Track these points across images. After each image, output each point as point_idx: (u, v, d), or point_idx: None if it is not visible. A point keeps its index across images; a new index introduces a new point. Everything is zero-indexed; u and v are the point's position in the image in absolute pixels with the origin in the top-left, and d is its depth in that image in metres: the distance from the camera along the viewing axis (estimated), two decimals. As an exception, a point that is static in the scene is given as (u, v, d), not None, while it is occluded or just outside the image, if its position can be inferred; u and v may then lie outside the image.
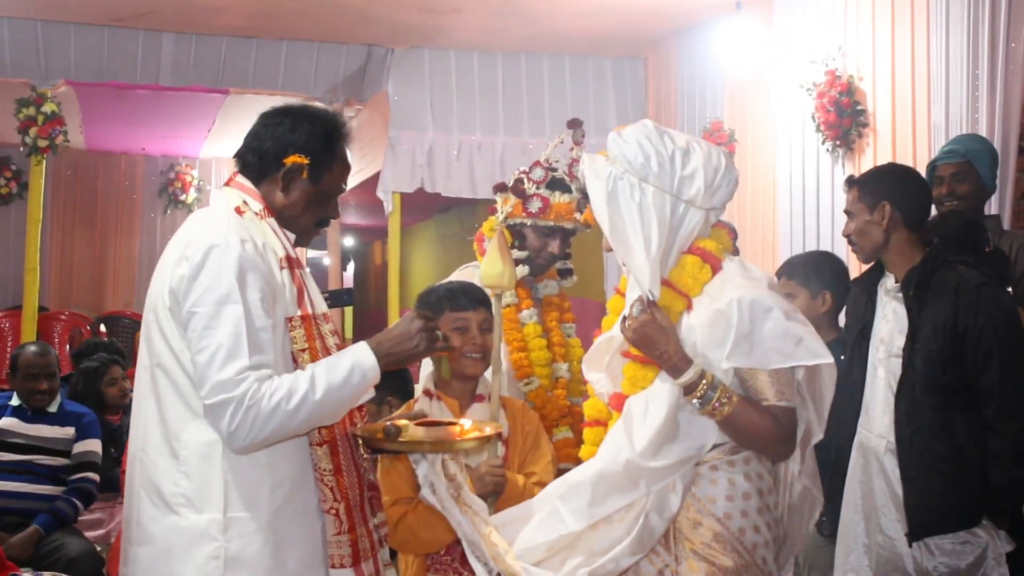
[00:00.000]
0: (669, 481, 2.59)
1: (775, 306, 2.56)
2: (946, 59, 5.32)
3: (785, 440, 2.60)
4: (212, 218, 2.55)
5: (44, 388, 5.25)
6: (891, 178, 3.57)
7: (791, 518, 2.81)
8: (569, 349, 3.85)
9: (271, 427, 2.33)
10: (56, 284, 11.18)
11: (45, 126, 7.50)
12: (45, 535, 4.98)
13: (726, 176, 2.68)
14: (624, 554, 2.57)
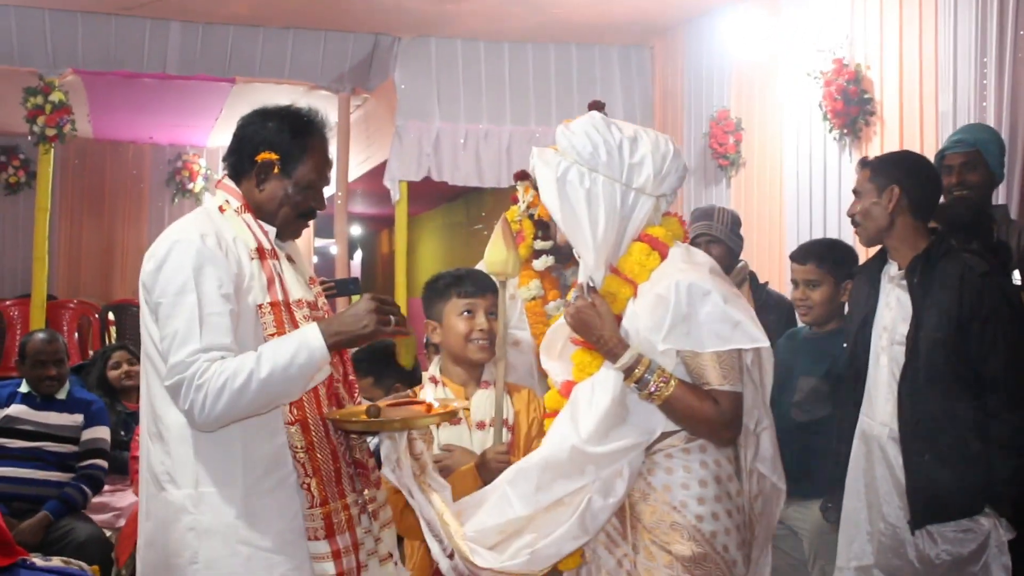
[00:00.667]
0: (617, 467, 2.60)
1: (713, 290, 2.56)
2: (954, 47, 5.31)
3: (727, 425, 2.59)
4: (186, 217, 2.76)
5: (53, 374, 5.27)
6: (904, 163, 3.56)
7: (759, 507, 2.79)
8: None
9: (221, 405, 2.46)
10: (64, 273, 11.22)
11: (53, 115, 7.53)
12: (54, 521, 5.00)
13: (674, 163, 2.71)
14: (567, 537, 2.58)
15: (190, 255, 2.55)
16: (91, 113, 9.70)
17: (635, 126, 2.77)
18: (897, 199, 3.42)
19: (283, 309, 2.65)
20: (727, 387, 2.57)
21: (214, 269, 2.56)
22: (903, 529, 3.38)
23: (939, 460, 3.30)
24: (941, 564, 3.31)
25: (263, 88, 8.51)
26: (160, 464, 2.62)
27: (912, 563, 3.36)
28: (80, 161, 11.34)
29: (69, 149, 10.27)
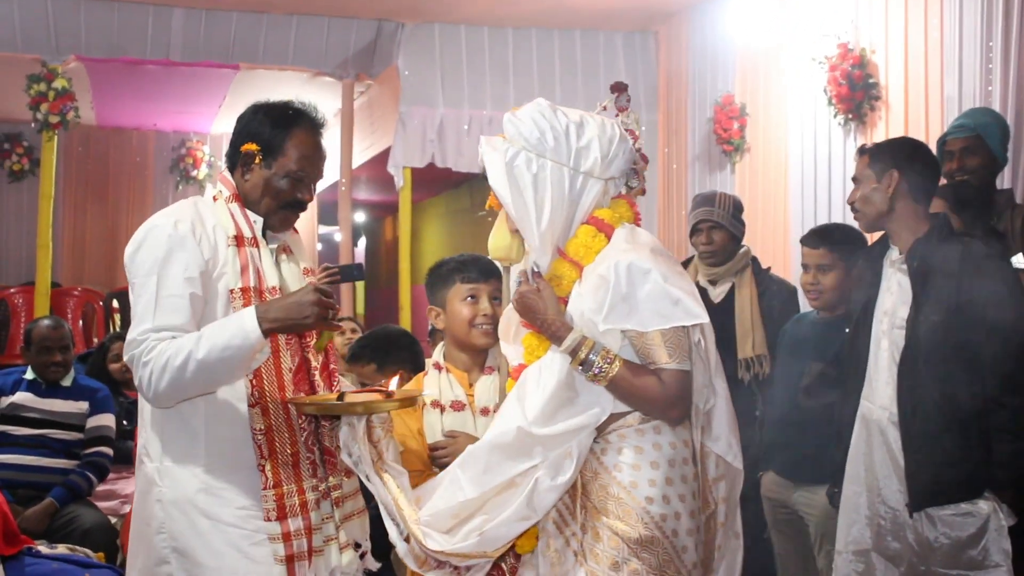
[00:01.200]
0: (566, 448, 2.59)
1: (653, 268, 2.55)
2: (959, 32, 5.29)
3: (673, 404, 2.56)
4: (172, 205, 2.93)
5: (59, 360, 5.28)
6: (902, 148, 3.57)
7: (722, 491, 2.74)
8: None
9: (165, 382, 2.60)
10: (68, 260, 11.22)
11: (56, 102, 7.52)
12: (59, 508, 5.01)
13: (621, 146, 2.72)
14: (515, 518, 2.58)
15: (160, 240, 2.70)
16: (94, 100, 9.68)
17: (581, 112, 2.77)
18: (896, 184, 3.43)
19: (254, 295, 2.76)
20: (672, 365, 2.54)
21: (181, 254, 2.69)
22: (902, 512, 3.39)
23: (938, 443, 3.31)
24: (940, 547, 3.32)
25: (267, 75, 8.50)
26: (141, 438, 2.83)
27: (912, 546, 3.37)
28: (84, 148, 11.33)
29: (72, 136, 10.25)
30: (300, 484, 2.78)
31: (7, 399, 5.19)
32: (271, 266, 2.86)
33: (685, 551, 2.57)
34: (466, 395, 3.17)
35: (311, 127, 2.93)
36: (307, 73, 8.48)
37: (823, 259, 4.17)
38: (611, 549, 2.55)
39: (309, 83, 8.75)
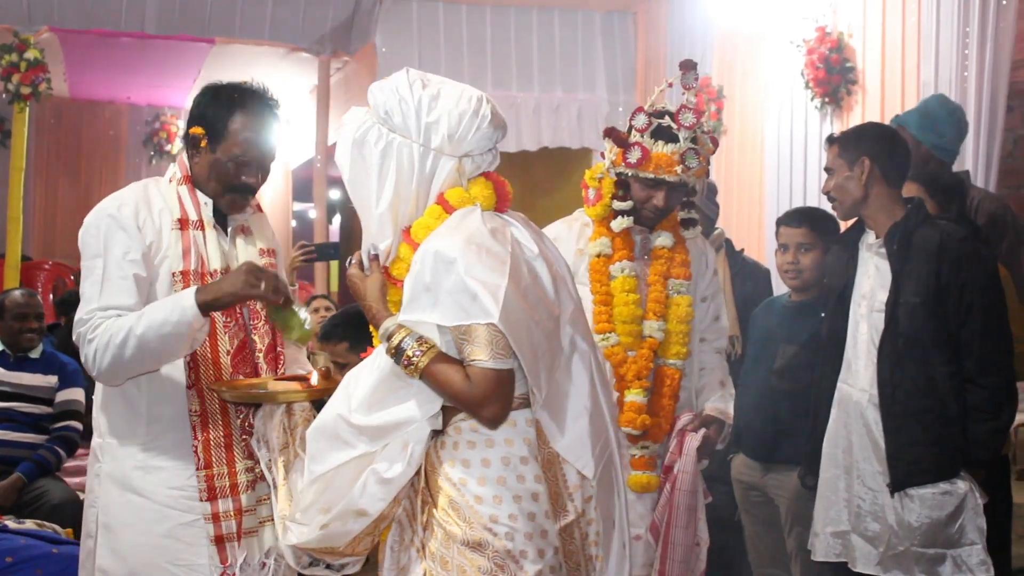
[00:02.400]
0: (397, 441, 2.44)
1: (459, 258, 2.33)
2: (937, 17, 5.30)
3: (480, 403, 2.33)
4: (126, 187, 2.98)
5: (34, 327, 5.29)
6: (871, 135, 3.62)
7: (591, 492, 2.51)
8: (670, 307, 3.61)
9: (108, 359, 2.69)
10: (39, 233, 11.12)
11: (28, 73, 7.43)
12: (27, 483, 4.99)
13: (472, 122, 2.48)
14: (348, 512, 2.47)
15: (103, 223, 2.80)
16: (67, 72, 9.59)
17: (449, 82, 2.57)
18: (869, 170, 3.48)
19: (194, 278, 2.81)
20: (484, 363, 2.31)
21: (123, 236, 2.78)
22: (882, 494, 3.43)
23: (918, 424, 3.37)
24: (919, 527, 3.36)
25: (242, 49, 8.43)
26: (93, 414, 2.99)
27: (891, 527, 3.41)
28: (56, 120, 11.22)
29: (45, 108, 10.15)
30: (232, 466, 2.84)
31: (-26, 372, 5.16)
32: (215, 249, 2.89)
33: (524, 556, 2.40)
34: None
35: (257, 109, 2.89)
36: (283, 49, 8.42)
37: (804, 238, 4.19)
38: (443, 548, 2.42)
39: (285, 59, 8.69)
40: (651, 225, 3.62)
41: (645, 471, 3.53)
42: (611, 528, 2.54)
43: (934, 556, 3.36)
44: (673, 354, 3.59)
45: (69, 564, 4.15)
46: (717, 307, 3.81)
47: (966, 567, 3.35)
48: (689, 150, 3.41)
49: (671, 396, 3.58)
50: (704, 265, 3.74)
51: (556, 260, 2.58)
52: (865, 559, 3.46)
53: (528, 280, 2.40)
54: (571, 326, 2.49)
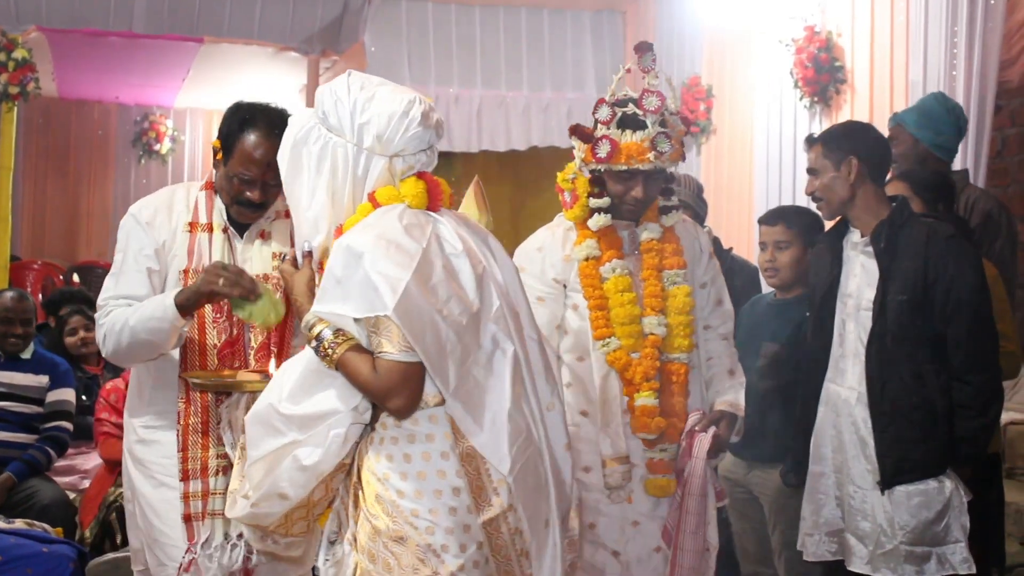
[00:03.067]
0: (323, 430, 2.48)
1: (367, 252, 2.40)
2: (925, 16, 5.33)
3: (387, 395, 2.39)
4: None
5: (19, 332, 5.24)
6: (857, 134, 3.63)
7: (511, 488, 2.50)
8: (668, 299, 3.45)
9: (111, 343, 3.07)
10: (28, 233, 11.08)
11: (16, 72, 7.39)
12: (17, 482, 4.97)
13: (401, 122, 2.55)
14: (271, 493, 2.53)
15: (128, 222, 3.17)
16: (56, 71, 9.56)
17: (391, 86, 2.66)
18: (856, 170, 3.47)
19: (194, 276, 3.10)
20: (391, 355, 2.37)
21: (139, 235, 3.13)
22: (871, 492, 3.45)
23: (906, 421, 3.38)
24: (907, 525, 3.38)
25: (231, 49, 8.41)
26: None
27: (880, 525, 3.42)
28: (44, 120, 11.18)
29: (33, 107, 10.08)
30: (206, 451, 3.14)
31: (-36, 372, 5.14)
32: (219, 250, 3.18)
33: (445, 550, 2.43)
34: None
35: (263, 131, 3.10)
36: (272, 48, 8.39)
37: (780, 236, 4.21)
38: (371, 541, 2.47)
39: (274, 58, 8.67)
40: (635, 218, 3.50)
41: (664, 475, 3.39)
42: (543, 527, 2.53)
43: (921, 554, 3.38)
44: (676, 348, 3.44)
45: (59, 563, 4.16)
46: (718, 291, 3.64)
47: (950, 565, 3.37)
48: (659, 135, 3.30)
49: (681, 393, 3.43)
50: (698, 250, 3.59)
51: (487, 259, 2.59)
52: (858, 557, 3.47)
53: (442, 276, 2.44)
54: (494, 324, 2.51)
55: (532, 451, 2.52)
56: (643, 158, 3.30)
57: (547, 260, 3.48)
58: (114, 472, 4.95)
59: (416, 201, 2.56)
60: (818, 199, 3.59)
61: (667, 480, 3.39)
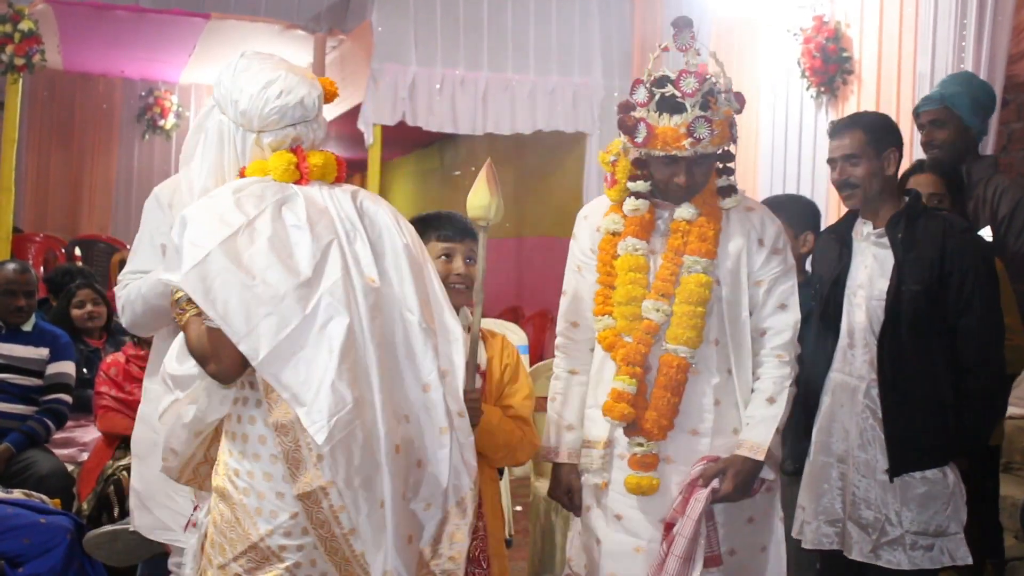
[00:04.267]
0: (192, 392, 2.60)
1: (190, 222, 2.51)
2: (934, 8, 5.32)
3: (203, 360, 2.49)
4: None
5: (22, 305, 5.23)
6: (891, 125, 3.60)
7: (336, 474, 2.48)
8: (680, 286, 3.14)
9: (128, 314, 3.19)
10: (31, 206, 11.07)
11: (22, 44, 7.39)
12: (16, 453, 4.98)
13: (260, 97, 2.65)
14: (167, 451, 2.74)
15: (148, 204, 3.28)
16: (61, 44, 9.53)
17: (271, 64, 2.73)
18: (896, 162, 3.46)
19: None
20: (208, 322, 2.45)
21: (158, 215, 3.21)
22: (875, 481, 3.46)
23: (917, 411, 3.39)
24: (912, 514, 3.40)
25: (238, 25, 8.40)
26: None
27: (885, 515, 3.43)
28: (49, 93, 11.15)
29: (38, 80, 10.09)
30: None
31: (-35, 343, 5.15)
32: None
33: (259, 513, 2.51)
34: None
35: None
36: (279, 25, 8.38)
37: None
38: (213, 496, 2.65)
39: (280, 36, 8.65)
40: (681, 200, 3.20)
41: (639, 471, 3.11)
42: (376, 508, 2.49)
43: (925, 544, 3.40)
44: (675, 338, 3.10)
45: (56, 533, 4.18)
46: (782, 295, 3.19)
47: (949, 555, 3.40)
48: (697, 119, 3.04)
49: (668, 387, 3.09)
50: (755, 241, 3.20)
51: (351, 233, 2.60)
52: (859, 546, 3.48)
53: (265, 247, 2.47)
54: (329, 295, 2.49)
55: (361, 426, 2.46)
56: (678, 144, 3.05)
57: (587, 229, 3.35)
58: (112, 445, 4.96)
59: (280, 175, 2.63)
60: (852, 186, 3.50)
61: (641, 478, 3.10)
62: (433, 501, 2.60)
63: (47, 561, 4.12)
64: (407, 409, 2.57)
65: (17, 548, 4.10)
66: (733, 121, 3.15)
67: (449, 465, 2.59)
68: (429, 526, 2.60)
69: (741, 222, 3.21)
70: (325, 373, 2.44)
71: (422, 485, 2.58)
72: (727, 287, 3.16)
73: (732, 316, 3.16)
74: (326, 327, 2.47)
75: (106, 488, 4.73)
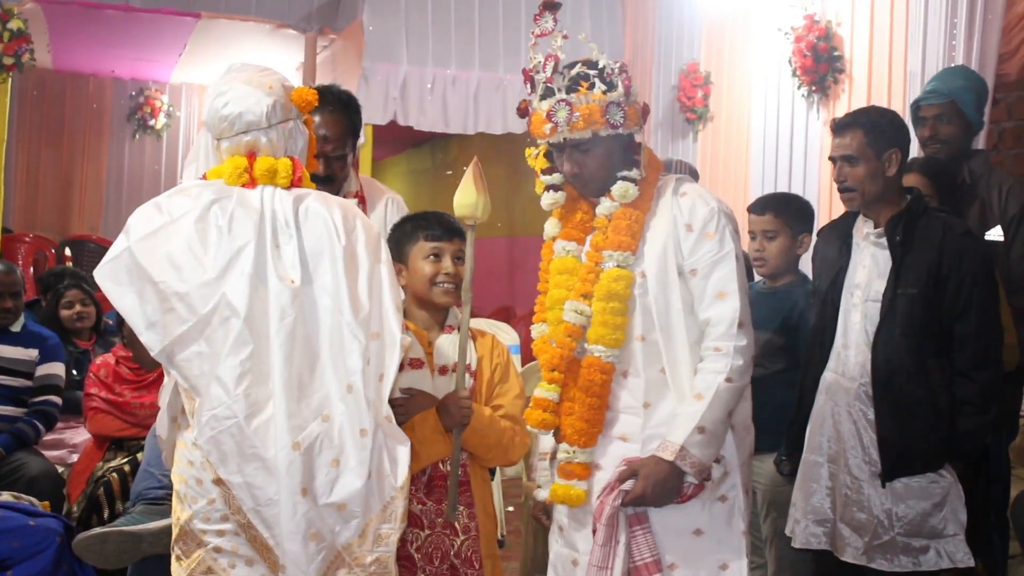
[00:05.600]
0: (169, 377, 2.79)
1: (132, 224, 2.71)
2: (925, 8, 5.31)
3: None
4: None
5: (9, 306, 5.20)
6: (895, 123, 3.53)
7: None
8: (599, 283, 2.94)
9: None
10: (21, 206, 11.02)
11: (11, 43, 7.34)
12: (5, 455, 4.96)
13: (213, 107, 2.83)
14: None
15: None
16: (51, 43, 9.50)
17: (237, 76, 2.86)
18: (898, 163, 3.42)
19: None
20: None
21: None
22: (868, 483, 3.44)
23: (909, 414, 3.36)
24: (905, 517, 3.38)
25: (229, 25, 8.38)
26: None
27: (877, 517, 3.41)
28: (39, 92, 11.11)
29: (28, 79, 10.06)
30: None
31: (-46, 344, 5.12)
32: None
33: (185, 498, 2.72)
34: (424, 353, 3.15)
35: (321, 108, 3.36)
36: (270, 25, 8.36)
37: (768, 225, 4.17)
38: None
39: (271, 35, 8.63)
40: (593, 193, 3.04)
41: (564, 479, 2.95)
42: (265, 505, 2.58)
43: (919, 546, 3.37)
44: (594, 339, 2.92)
45: (45, 536, 4.15)
46: (721, 282, 2.91)
47: (948, 557, 3.37)
48: (558, 103, 2.89)
49: (588, 391, 2.92)
50: (682, 227, 2.94)
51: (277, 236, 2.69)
52: (851, 548, 3.46)
53: (183, 246, 2.62)
54: (231, 294, 2.61)
55: (242, 424, 2.56)
56: (541, 130, 2.93)
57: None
58: (103, 447, 4.94)
59: (228, 178, 2.77)
60: (850, 189, 3.47)
61: (567, 488, 2.94)
62: (349, 501, 2.61)
63: (36, 564, 4.09)
64: (328, 408, 2.62)
65: (6, 551, 4.07)
66: (615, 105, 2.92)
67: (369, 468, 2.61)
68: (348, 526, 2.63)
69: (669, 208, 2.96)
70: (213, 368, 2.58)
71: (336, 484, 2.61)
72: (653, 280, 2.91)
73: (661, 310, 2.91)
74: (224, 324, 2.59)
75: (96, 490, 4.70)
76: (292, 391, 2.58)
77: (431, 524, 3.08)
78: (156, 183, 11.01)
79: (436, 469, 3.11)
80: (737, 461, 3.00)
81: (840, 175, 3.50)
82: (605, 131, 2.91)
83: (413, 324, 3.21)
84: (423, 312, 3.22)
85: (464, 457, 3.12)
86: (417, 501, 3.07)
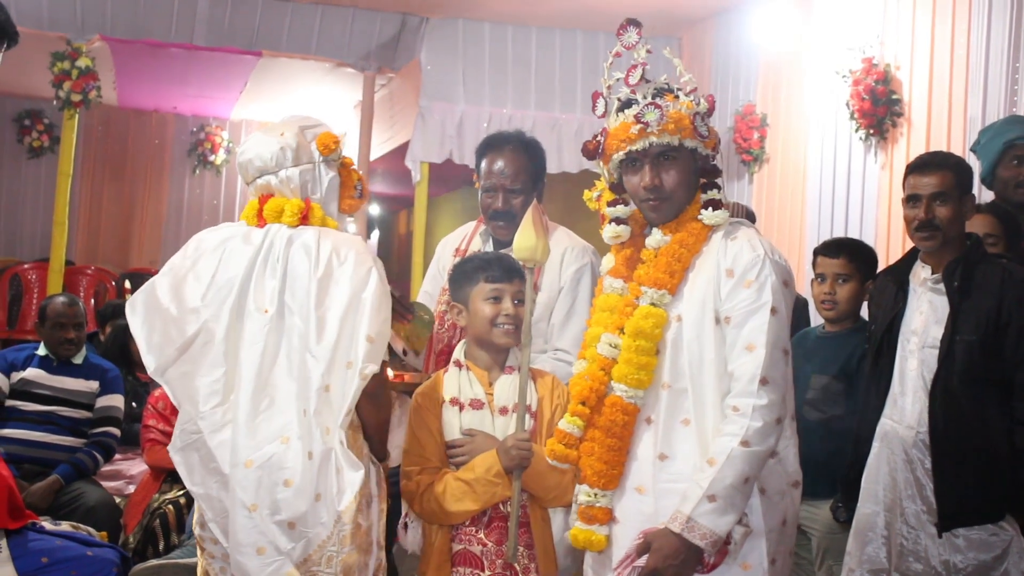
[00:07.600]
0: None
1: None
2: (986, 50, 5.27)
3: None
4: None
5: (72, 337, 5.29)
6: (967, 169, 3.50)
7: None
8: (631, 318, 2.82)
9: None
10: (83, 239, 11.23)
11: (79, 81, 7.52)
12: (64, 485, 5.02)
13: (239, 157, 3.15)
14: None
15: None
16: (117, 80, 9.70)
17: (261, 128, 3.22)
18: (973, 208, 3.43)
19: None
20: None
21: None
22: (925, 534, 3.37)
23: (968, 464, 3.29)
24: (964, 568, 3.30)
25: (289, 63, 8.52)
26: None
27: (935, 568, 3.34)
28: (103, 128, 11.35)
29: (93, 115, 10.29)
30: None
31: (18, 374, 5.21)
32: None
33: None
34: (485, 394, 3.15)
35: (492, 148, 3.84)
36: (329, 63, 8.48)
37: (842, 269, 4.15)
38: None
39: (331, 73, 8.76)
40: (663, 219, 2.87)
41: (584, 523, 2.87)
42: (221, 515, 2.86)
43: None
44: (618, 376, 2.80)
45: (103, 567, 4.19)
46: (752, 334, 2.70)
47: None
48: (646, 106, 2.79)
49: (607, 431, 2.82)
50: (724, 272, 2.76)
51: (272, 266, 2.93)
52: None
53: (188, 278, 2.97)
54: (211, 321, 2.90)
55: (205, 440, 2.85)
56: (628, 135, 2.79)
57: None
58: (159, 478, 4.99)
59: (248, 219, 3.06)
60: (936, 227, 3.40)
61: (588, 533, 2.85)
62: (297, 521, 2.76)
63: (94, 593, 4.14)
64: (288, 431, 2.81)
65: (64, 580, 4.12)
66: (700, 118, 2.84)
67: (314, 491, 2.77)
68: (296, 545, 2.77)
69: (717, 251, 2.79)
70: (189, 386, 2.88)
71: (286, 504, 2.77)
72: (688, 325, 2.76)
73: (694, 359, 2.74)
74: (203, 348, 2.89)
75: (152, 521, 4.76)
76: (255, 412, 2.81)
77: (491, 565, 3.06)
78: (214, 217, 11.18)
79: (496, 510, 3.09)
80: (765, 527, 2.76)
81: (928, 212, 3.41)
82: (692, 142, 2.82)
83: (474, 364, 3.21)
84: (484, 353, 3.22)
85: (524, 498, 3.10)
86: (477, 542, 3.06)
